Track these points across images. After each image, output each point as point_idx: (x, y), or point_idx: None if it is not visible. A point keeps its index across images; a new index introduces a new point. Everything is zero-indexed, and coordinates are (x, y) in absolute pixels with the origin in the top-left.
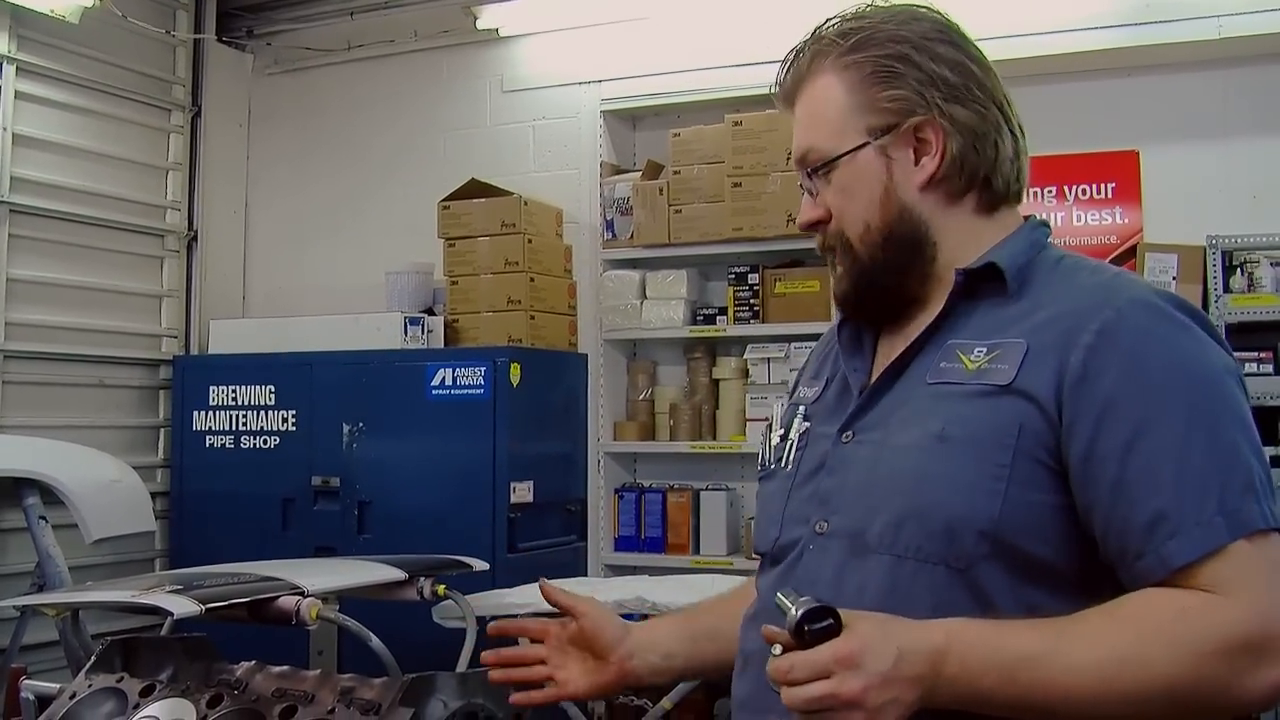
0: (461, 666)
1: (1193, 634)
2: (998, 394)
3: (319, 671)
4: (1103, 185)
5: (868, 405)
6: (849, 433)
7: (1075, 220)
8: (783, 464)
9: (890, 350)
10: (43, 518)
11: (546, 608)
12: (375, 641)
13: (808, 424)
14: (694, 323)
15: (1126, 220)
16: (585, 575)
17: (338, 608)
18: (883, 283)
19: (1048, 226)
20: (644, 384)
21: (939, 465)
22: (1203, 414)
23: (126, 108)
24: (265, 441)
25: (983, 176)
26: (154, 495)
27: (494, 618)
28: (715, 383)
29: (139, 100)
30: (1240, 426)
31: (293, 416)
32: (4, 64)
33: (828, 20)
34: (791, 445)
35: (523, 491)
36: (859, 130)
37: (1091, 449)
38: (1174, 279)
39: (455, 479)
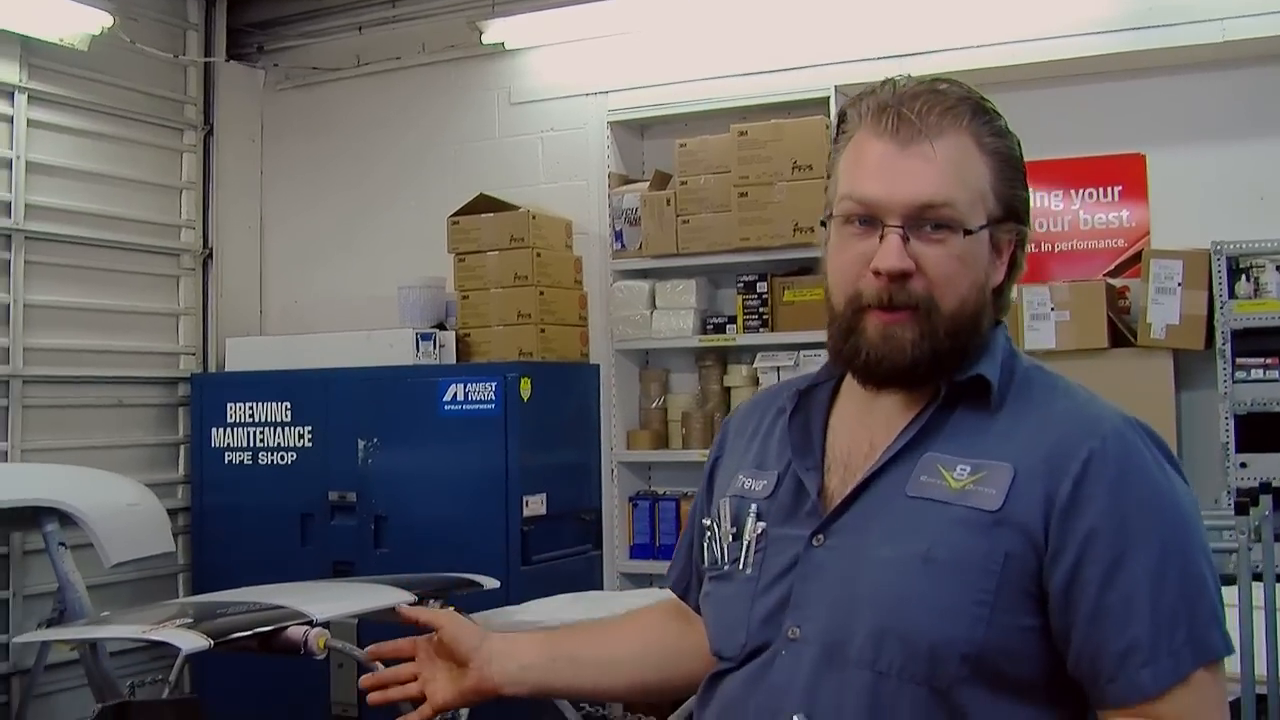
0: None
1: None
2: (985, 520)
3: None
4: (1109, 189)
5: (841, 510)
6: (820, 536)
7: (1082, 224)
8: (740, 566)
9: (843, 446)
10: (62, 544)
11: (552, 623)
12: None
13: (763, 524)
14: (704, 331)
15: (1133, 223)
16: (600, 583)
17: (356, 623)
18: (938, 364)
19: (1006, 329)
20: (656, 392)
21: (924, 587)
22: (1176, 548)
23: (139, 129)
24: (282, 457)
25: (1007, 293)
26: (175, 511)
27: None
28: (727, 390)
29: (151, 122)
30: (1205, 558)
31: (309, 432)
32: (15, 93)
33: (939, 83)
34: (749, 547)
35: (536, 504)
36: (984, 212)
37: (1074, 575)
38: (1179, 285)
39: (469, 493)
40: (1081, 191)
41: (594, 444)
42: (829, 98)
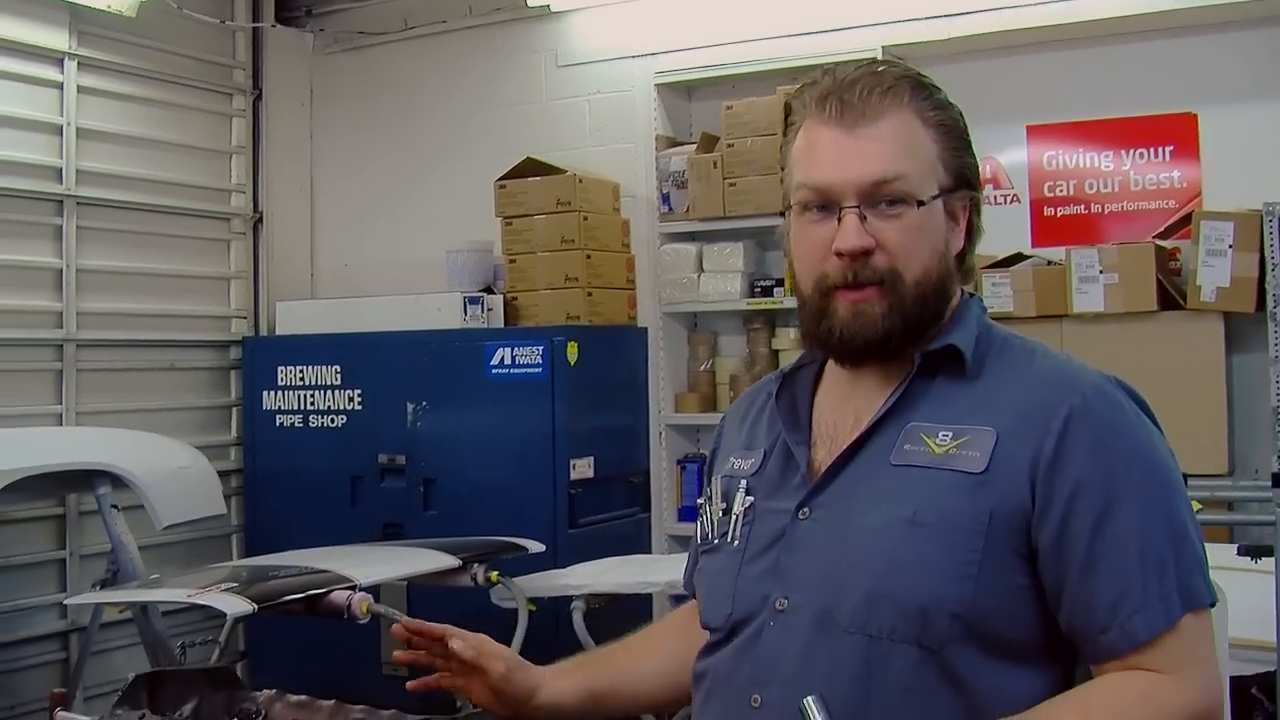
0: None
1: (1159, 716)
2: (969, 481)
3: (333, 703)
4: (1160, 149)
5: (825, 482)
6: (806, 509)
7: (1133, 184)
8: (728, 539)
9: (828, 421)
10: (115, 506)
11: (599, 588)
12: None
13: (751, 498)
14: (751, 295)
15: (1184, 184)
16: (649, 545)
17: (405, 587)
18: (910, 334)
19: (982, 300)
20: (705, 355)
21: (912, 549)
22: (1160, 498)
23: (188, 95)
24: (333, 420)
25: (968, 258)
26: (228, 473)
27: (549, 599)
28: (775, 353)
29: (200, 86)
30: (1186, 508)
31: (358, 395)
32: (65, 60)
33: (879, 64)
34: (737, 520)
35: (583, 467)
36: (936, 182)
37: (1063, 529)
38: (1230, 247)
39: (516, 457)
40: (1132, 152)
41: (642, 407)
42: (876, 58)
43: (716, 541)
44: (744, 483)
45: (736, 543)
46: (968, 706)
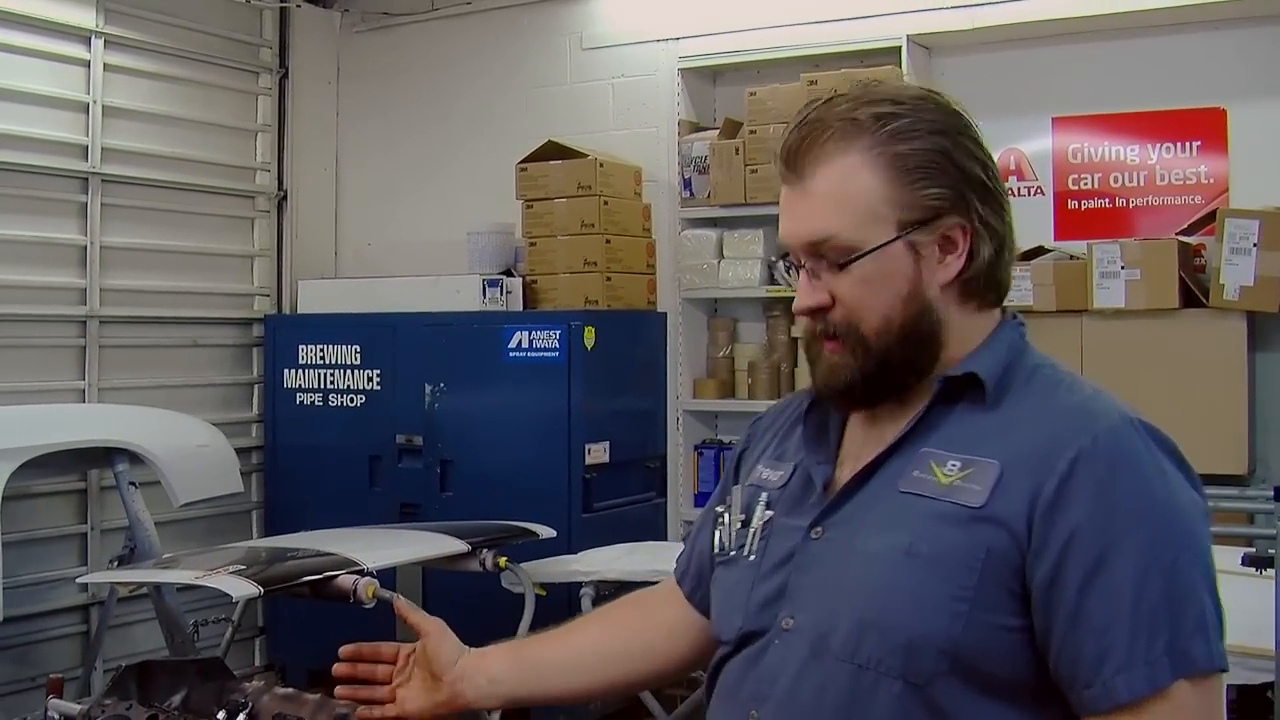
0: (521, 636)
1: None
2: (966, 515)
3: (319, 696)
4: (1188, 143)
5: (839, 502)
6: (819, 528)
7: (1159, 179)
8: (745, 553)
9: (858, 441)
10: (133, 483)
11: (609, 575)
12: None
13: (770, 513)
14: (771, 282)
15: (1211, 180)
16: (664, 531)
17: (421, 571)
18: (890, 379)
19: (1023, 324)
20: (724, 341)
21: (904, 580)
22: (1163, 552)
23: (214, 73)
24: (352, 400)
25: (997, 278)
26: (249, 450)
27: (560, 584)
28: (794, 341)
29: (226, 65)
30: (1200, 565)
31: (378, 376)
32: (92, 38)
33: (842, 95)
34: (755, 534)
35: (598, 452)
36: (891, 222)
37: (1055, 575)
38: (1255, 245)
39: (533, 440)
40: (1159, 145)
41: (660, 392)
42: (901, 47)
43: (733, 554)
44: (765, 496)
45: (752, 557)
46: None
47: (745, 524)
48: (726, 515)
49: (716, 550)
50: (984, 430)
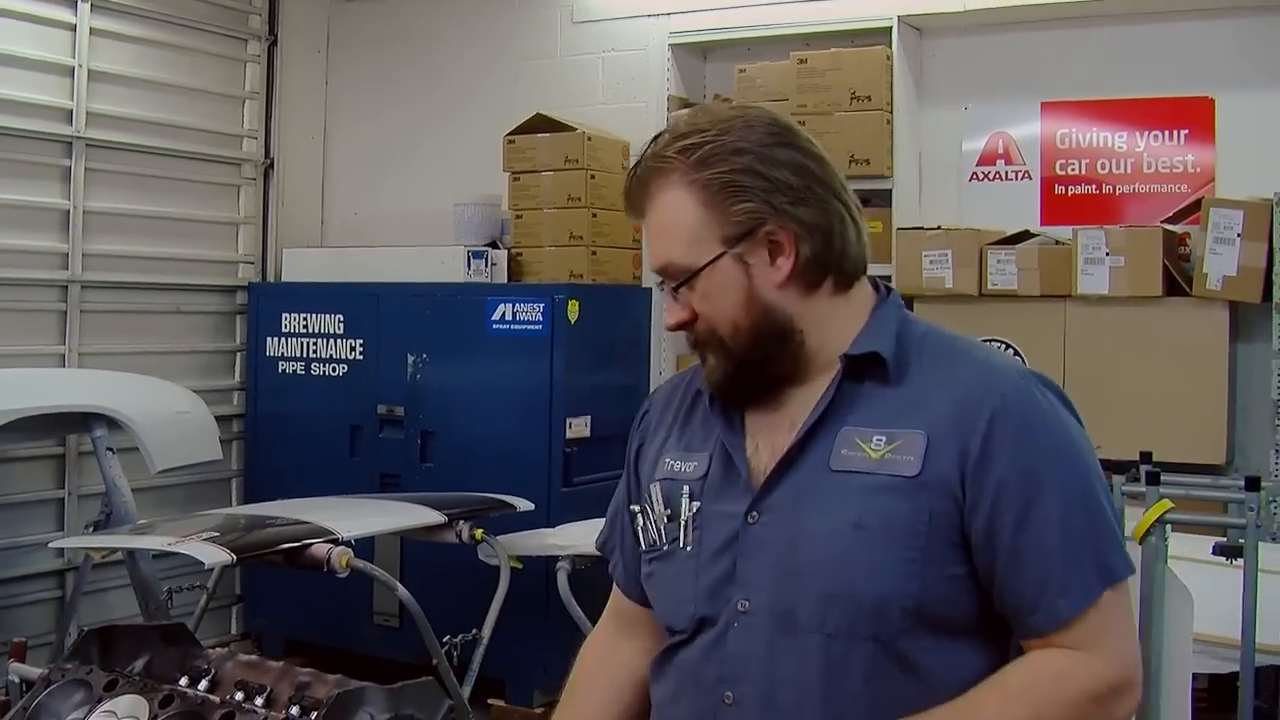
0: (494, 610)
1: (1071, 692)
2: (907, 485)
3: (282, 665)
4: (1175, 132)
5: (769, 487)
6: (754, 513)
7: (1145, 167)
8: (680, 544)
9: (762, 421)
10: (110, 449)
11: (585, 549)
12: (401, 591)
13: (697, 504)
14: None
15: (1198, 169)
16: None
17: (399, 541)
18: (756, 373)
19: (898, 295)
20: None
21: (859, 551)
22: (1078, 486)
23: (202, 39)
24: (334, 369)
25: (835, 265)
26: (230, 417)
27: (536, 558)
28: None
29: (215, 31)
30: (1101, 488)
31: (360, 345)
32: (78, 1)
33: (665, 133)
34: (687, 525)
35: (579, 426)
36: (714, 241)
37: (990, 522)
38: (1239, 235)
39: (514, 413)
40: (1146, 133)
41: (642, 367)
42: (891, 28)
43: (667, 548)
44: (687, 488)
45: (689, 547)
46: (921, 686)
47: (672, 518)
48: (649, 510)
49: (645, 546)
50: (898, 403)
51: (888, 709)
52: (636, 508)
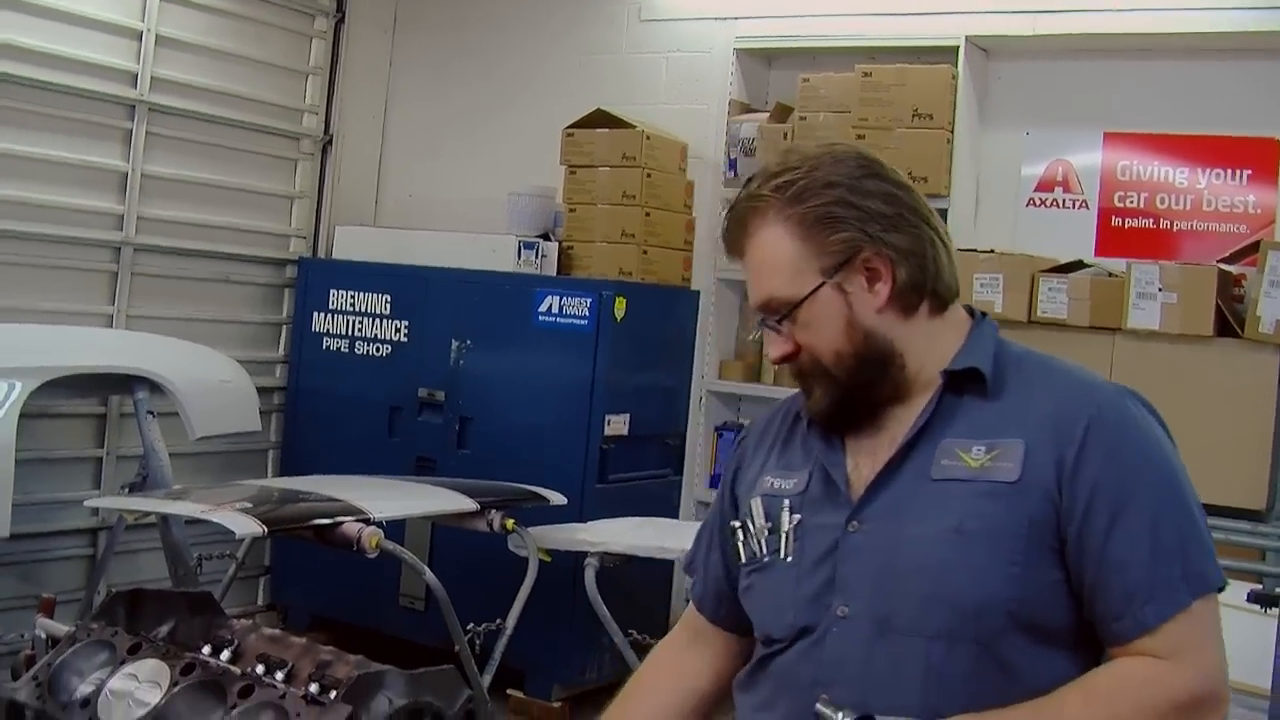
0: (520, 601)
1: (1155, 700)
2: (1007, 490)
3: (304, 641)
4: (1238, 171)
5: (870, 497)
6: (855, 522)
7: (1205, 205)
8: (781, 555)
9: (864, 441)
10: (150, 412)
11: (615, 548)
12: (429, 575)
13: (798, 516)
14: None
15: (1259, 210)
16: (677, 508)
17: (430, 525)
18: (861, 398)
19: (992, 320)
20: (754, 325)
21: (961, 555)
22: (1168, 496)
23: (270, 11)
24: (378, 349)
25: (930, 288)
26: (271, 390)
27: (565, 552)
28: None
29: (283, 4)
30: (1194, 501)
31: (405, 327)
32: None
33: (757, 174)
34: (787, 537)
35: (618, 424)
36: (814, 272)
37: (1083, 528)
38: None
39: (554, 405)
40: (1208, 170)
41: (685, 370)
42: (958, 47)
43: (767, 559)
44: (788, 501)
45: (790, 558)
46: (1018, 688)
47: (773, 530)
48: (750, 524)
49: (745, 560)
50: (995, 416)
51: (983, 709)
52: (737, 523)
